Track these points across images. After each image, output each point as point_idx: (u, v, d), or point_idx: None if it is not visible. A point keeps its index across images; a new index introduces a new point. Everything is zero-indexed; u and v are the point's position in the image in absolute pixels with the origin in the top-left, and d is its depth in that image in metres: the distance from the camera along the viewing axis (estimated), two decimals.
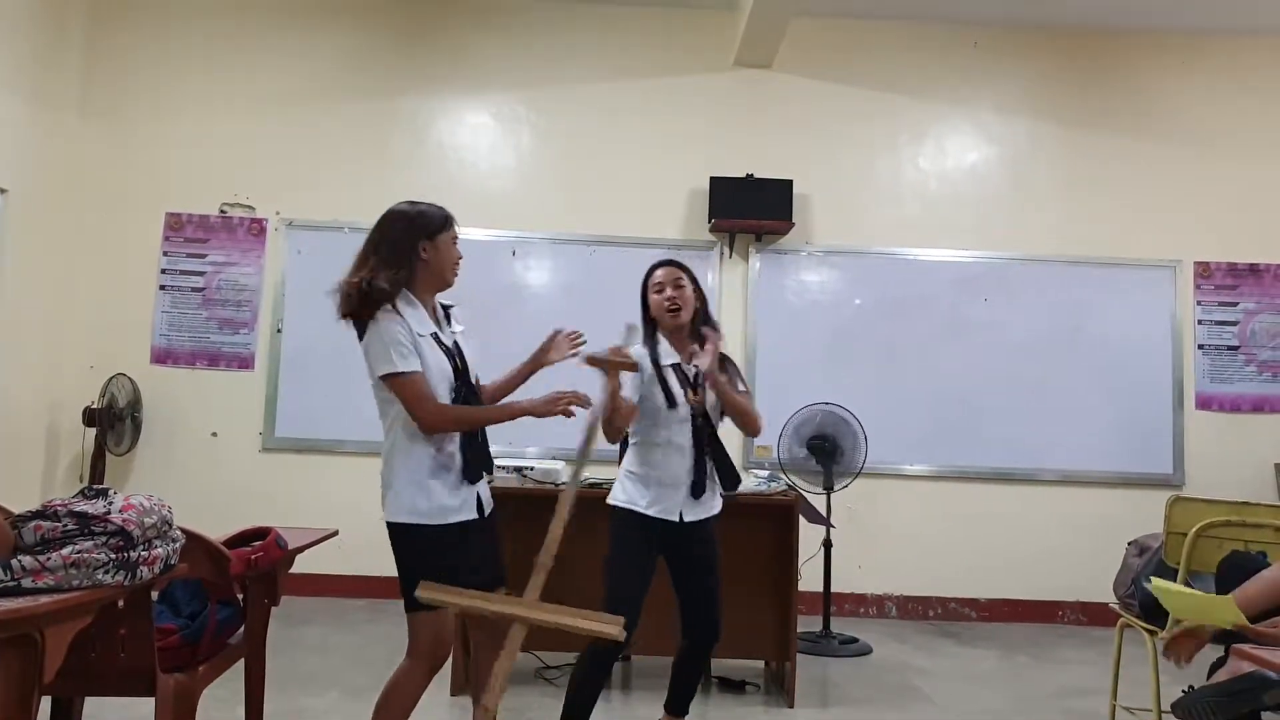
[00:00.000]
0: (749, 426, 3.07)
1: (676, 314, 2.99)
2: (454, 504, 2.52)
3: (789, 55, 5.93)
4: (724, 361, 3.04)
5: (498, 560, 2.69)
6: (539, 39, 6.01)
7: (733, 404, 2.99)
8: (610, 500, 2.99)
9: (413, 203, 2.61)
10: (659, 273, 3.03)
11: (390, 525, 2.54)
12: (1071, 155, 6.04)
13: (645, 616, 2.90)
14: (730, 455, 3.04)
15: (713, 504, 3.02)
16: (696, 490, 2.93)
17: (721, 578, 3.01)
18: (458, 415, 2.51)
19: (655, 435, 2.96)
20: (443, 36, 6.01)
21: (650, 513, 2.92)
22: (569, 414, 2.59)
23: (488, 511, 2.69)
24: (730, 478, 3.02)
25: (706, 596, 2.98)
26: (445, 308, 2.67)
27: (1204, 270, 5.98)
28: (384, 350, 2.44)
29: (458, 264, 2.63)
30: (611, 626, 2.31)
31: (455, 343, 2.60)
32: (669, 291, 3.00)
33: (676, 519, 2.93)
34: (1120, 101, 6.07)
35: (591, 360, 2.71)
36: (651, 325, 3.05)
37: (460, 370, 2.55)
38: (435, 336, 2.54)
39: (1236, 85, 6.08)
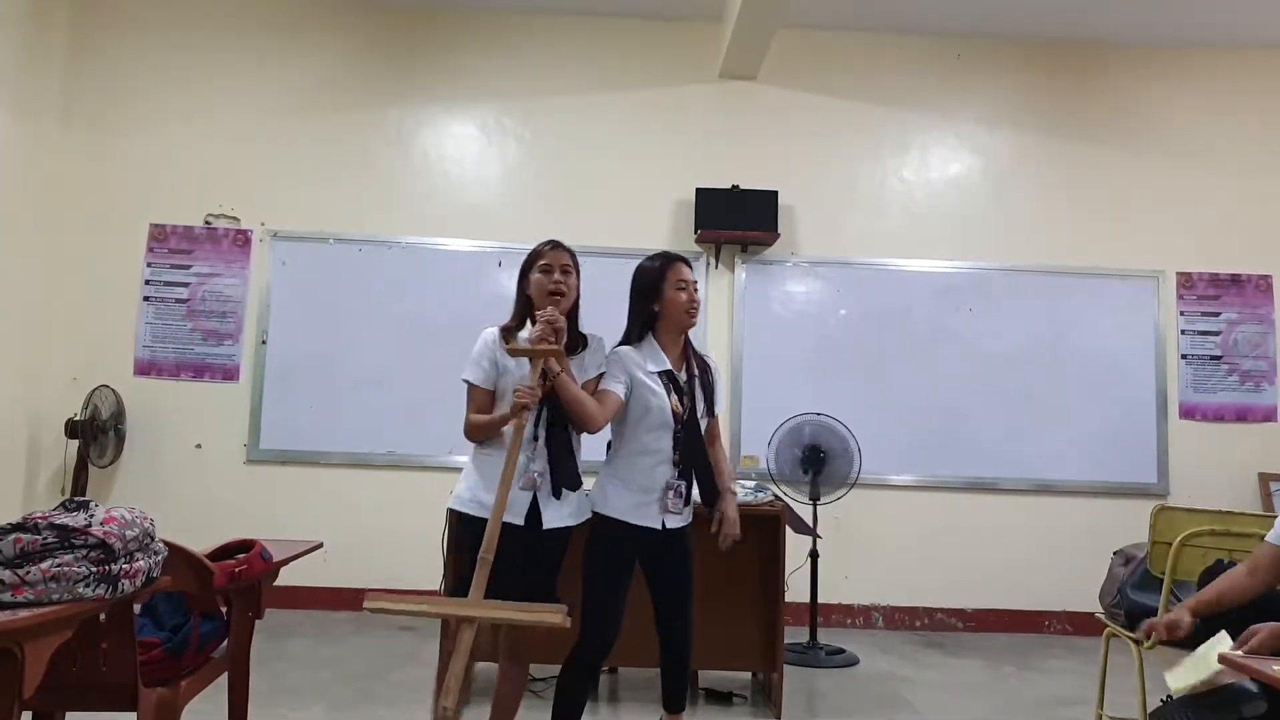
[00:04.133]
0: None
1: (695, 316, 2.95)
2: (489, 500, 2.61)
3: (774, 67, 5.97)
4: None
5: (540, 577, 2.74)
6: (524, 50, 6.02)
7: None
8: (593, 506, 2.88)
9: None
10: (684, 270, 2.95)
11: None
12: (1054, 166, 6.09)
13: (629, 626, 2.88)
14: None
15: (690, 512, 2.97)
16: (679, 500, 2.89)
17: (695, 588, 2.96)
18: (473, 422, 2.83)
19: (636, 442, 2.88)
20: (428, 48, 6.01)
21: (631, 520, 2.84)
22: (525, 408, 2.63)
23: (547, 526, 2.76)
24: (707, 491, 2.95)
25: (680, 606, 2.92)
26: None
27: (1186, 280, 6.03)
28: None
29: (548, 290, 2.87)
30: (555, 616, 2.30)
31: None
32: (690, 293, 2.94)
33: (659, 527, 2.86)
34: (1102, 113, 6.13)
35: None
36: (645, 327, 2.96)
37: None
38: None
39: (1217, 97, 6.15)
